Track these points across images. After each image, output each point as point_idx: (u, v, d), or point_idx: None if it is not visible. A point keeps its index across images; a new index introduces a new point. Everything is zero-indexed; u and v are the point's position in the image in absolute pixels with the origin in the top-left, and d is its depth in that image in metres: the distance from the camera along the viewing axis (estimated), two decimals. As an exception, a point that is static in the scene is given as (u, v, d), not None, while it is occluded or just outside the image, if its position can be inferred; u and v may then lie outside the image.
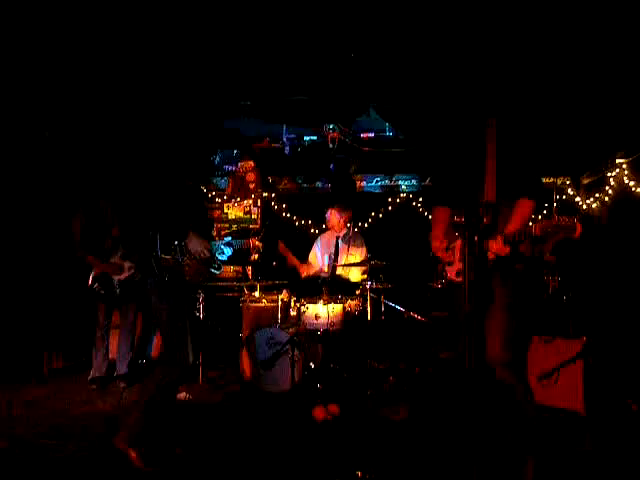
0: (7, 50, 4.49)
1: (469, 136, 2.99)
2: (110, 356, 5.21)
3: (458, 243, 2.79)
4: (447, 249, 2.90)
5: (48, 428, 3.74)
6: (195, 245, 3.15)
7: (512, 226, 2.72)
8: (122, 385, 4.97)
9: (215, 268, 3.33)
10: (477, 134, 2.94)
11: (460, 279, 2.57)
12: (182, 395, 4.49)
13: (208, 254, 3.20)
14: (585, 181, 6.54)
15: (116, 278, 4.93)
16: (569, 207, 6.49)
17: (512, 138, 2.86)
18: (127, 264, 4.97)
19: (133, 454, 2.95)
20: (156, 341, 6.05)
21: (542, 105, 5.13)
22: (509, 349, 2.74)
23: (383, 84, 5.41)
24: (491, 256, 2.68)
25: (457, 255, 2.81)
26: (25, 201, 5.75)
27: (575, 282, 4.70)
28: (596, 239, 5.53)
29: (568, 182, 6.57)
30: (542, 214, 6.40)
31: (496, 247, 2.62)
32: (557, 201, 6.47)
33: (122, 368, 5.09)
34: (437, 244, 2.99)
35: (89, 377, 5.02)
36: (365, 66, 5.10)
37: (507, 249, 2.60)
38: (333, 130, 7.02)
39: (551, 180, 6.53)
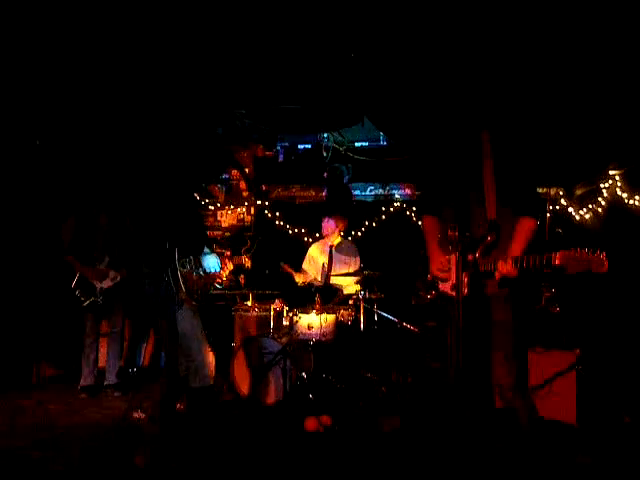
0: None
1: (460, 146, 2.99)
2: (100, 364, 5.17)
3: (454, 257, 2.77)
4: (444, 272, 2.88)
5: (35, 438, 3.66)
6: (207, 260, 3.19)
7: (517, 247, 2.71)
8: (116, 394, 4.93)
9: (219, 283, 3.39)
10: (469, 144, 2.94)
11: (455, 293, 2.56)
12: (172, 405, 4.46)
13: (219, 269, 3.24)
14: (578, 192, 6.56)
15: (98, 285, 4.90)
16: (562, 218, 6.50)
17: (507, 152, 2.85)
18: (112, 273, 4.95)
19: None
20: (146, 349, 6.02)
21: (536, 116, 5.16)
22: (515, 372, 2.74)
23: (377, 94, 5.42)
24: (498, 276, 2.66)
25: (453, 269, 2.79)
26: (14, 210, 5.70)
27: (568, 293, 4.69)
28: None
29: (562, 193, 6.58)
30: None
31: (506, 270, 2.61)
32: (550, 211, 6.49)
33: (111, 377, 5.04)
34: (435, 266, 2.96)
35: (79, 386, 4.97)
36: (359, 76, 5.11)
37: (516, 272, 2.58)
38: (327, 139, 7.03)
39: (544, 190, 6.54)
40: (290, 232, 7.30)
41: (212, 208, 7.68)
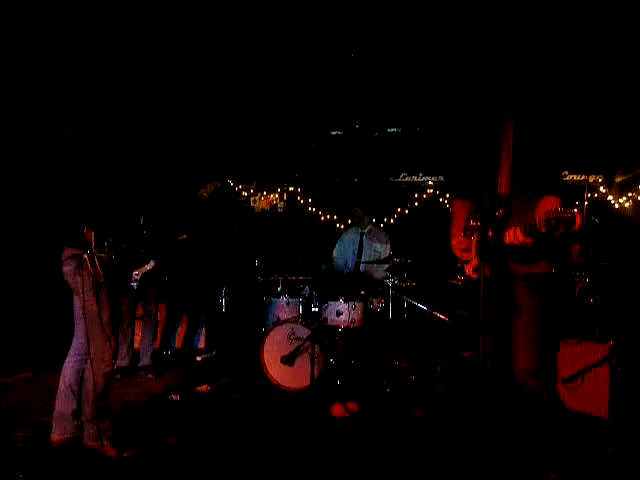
0: (27, 49, 4.54)
1: (489, 129, 2.94)
2: (135, 346, 5.32)
3: (474, 238, 2.72)
4: (464, 250, 2.86)
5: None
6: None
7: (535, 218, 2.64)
8: (149, 376, 5.06)
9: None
10: (497, 127, 2.89)
11: (477, 275, 2.53)
12: (203, 388, 4.57)
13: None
14: (618, 179, 6.36)
15: (135, 270, 4.99)
16: (601, 206, 6.32)
17: (534, 133, 2.79)
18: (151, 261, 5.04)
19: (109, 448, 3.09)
20: (180, 332, 6.16)
21: (573, 101, 5.01)
22: (538, 358, 2.69)
23: (404, 77, 5.36)
24: (507, 242, 2.57)
25: (474, 251, 2.76)
26: (50, 198, 5.83)
27: (603, 284, 4.57)
28: (627, 239, 5.37)
29: (600, 180, 6.39)
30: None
31: (514, 237, 2.48)
32: (588, 199, 6.31)
33: (146, 359, 5.18)
34: (455, 243, 2.95)
35: (114, 366, 5.11)
36: (388, 61, 5.05)
37: (529, 239, 2.49)
38: (359, 126, 6.99)
39: (583, 178, 6.35)
40: (322, 219, 7.32)
41: (245, 194, 7.75)
